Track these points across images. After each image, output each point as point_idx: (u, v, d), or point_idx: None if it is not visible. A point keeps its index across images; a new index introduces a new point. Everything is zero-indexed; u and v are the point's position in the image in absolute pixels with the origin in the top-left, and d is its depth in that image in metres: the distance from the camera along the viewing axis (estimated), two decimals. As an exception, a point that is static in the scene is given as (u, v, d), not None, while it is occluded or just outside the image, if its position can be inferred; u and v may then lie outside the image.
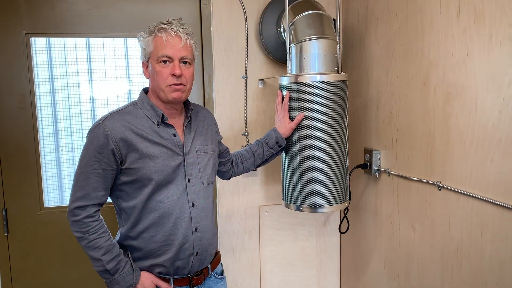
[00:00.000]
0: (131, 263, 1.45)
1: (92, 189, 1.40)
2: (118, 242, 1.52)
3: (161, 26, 1.43)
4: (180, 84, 1.43)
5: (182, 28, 1.44)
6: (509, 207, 1.29)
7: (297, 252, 2.41)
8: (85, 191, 1.39)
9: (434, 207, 1.64)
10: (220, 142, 1.76)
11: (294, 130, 1.79)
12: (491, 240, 1.37)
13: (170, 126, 1.49)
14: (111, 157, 1.40)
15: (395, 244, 1.91)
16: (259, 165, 1.87)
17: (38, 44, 2.05)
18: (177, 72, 1.40)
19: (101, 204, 1.44)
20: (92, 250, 1.40)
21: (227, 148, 1.82)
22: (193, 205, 1.49)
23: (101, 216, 1.45)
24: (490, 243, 1.38)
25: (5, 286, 2.08)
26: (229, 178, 1.87)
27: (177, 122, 1.53)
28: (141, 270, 1.49)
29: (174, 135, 1.49)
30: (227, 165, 1.80)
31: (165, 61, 1.41)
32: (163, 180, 1.44)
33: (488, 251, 1.39)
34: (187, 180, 1.48)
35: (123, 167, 1.42)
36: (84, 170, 1.39)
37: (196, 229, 1.49)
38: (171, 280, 1.50)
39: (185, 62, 1.45)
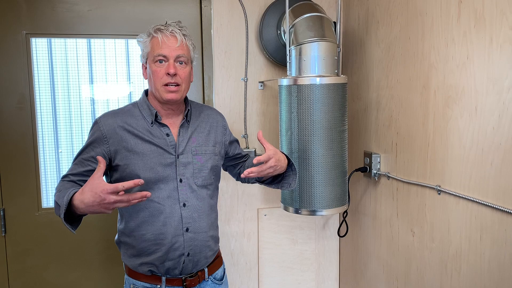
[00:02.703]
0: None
1: (70, 174, 1.46)
2: (117, 239, 1.57)
3: (158, 27, 1.46)
4: (176, 85, 1.44)
5: (179, 29, 1.46)
6: (508, 212, 1.28)
7: (296, 255, 2.40)
8: (67, 172, 1.47)
9: (434, 211, 1.63)
10: (235, 144, 1.71)
11: (292, 136, 1.78)
12: (491, 245, 1.36)
13: (164, 125, 1.50)
14: (99, 152, 1.45)
15: (394, 248, 1.90)
16: (264, 183, 1.65)
17: (39, 45, 2.05)
18: (171, 70, 1.42)
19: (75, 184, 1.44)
20: (55, 208, 1.37)
21: (241, 153, 1.73)
22: (184, 205, 1.48)
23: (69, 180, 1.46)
24: (490, 247, 1.37)
25: (2, 286, 2.07)
26: (242, 182, 1.76)
27: (174, 122, 1.53)
28: (134, 267, 1.51)
29: (168, 134, 1.49)
30: (237, 167, 1.74)
31: (160, 61, 1.43)
32: (152, 178, 1.44)
33: (487, 256, 1.38)
34: (178, 180, 1.48)
35: (113, 164, 1.46)
36: (76, 158, 1.49)
37: (187, 230, 1.48)
38: (163, 278, 1.50)
39: (181, 62, 1.45)
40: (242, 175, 1.42)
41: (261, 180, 1.63)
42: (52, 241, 2.12)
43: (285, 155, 1.55)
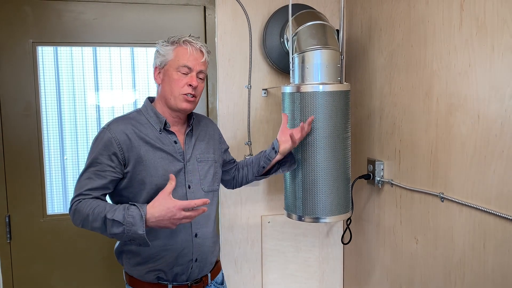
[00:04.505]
0: (130, 203, 1.35)
1: (88, 189, 1.40)
2: (118, 247, 1.56)
3: (187, 39, 1.49)
4: (194, 96, 1.48)
5: (204, 46, 1.51)
6: (511, 219, 1.28)
7: (300, 262, 2.40)
8: (83, 189, 1.40)
9: (437, 219, 1.63)
10: (228, 151, 1.78)
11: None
12: (494, 252, 1.36)
13: (171, 133, 1.51)
14: (115, 160, 1.42)
15: (397, 255, 1.90)
16: (261, 176, 1.77)
17: (45, 53, 2.08)
18: (194, 83, 1.46)
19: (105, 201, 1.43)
20: (96, 221, 1.32)
21: (233, 159, 1.83)
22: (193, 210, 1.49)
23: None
24: (493, 255, 1.36)
25: (7, 293, 2.09)
26: (234, 187, 1.83)
27: (180, 130, 1.55)
28: (139, 276, 1.50)
29: (175, 142, 1.51)
30: (230, 173, 1.79)
31: (184, 71, 1.46)
32: (163, 185, 1.44)
33: (491, 264, 1.37)
34: (187, 186, 1.50)
35: (125, 170, 1.44)
36: (86, 171, 1.43)
37: (196, 235, 1.50)
38: (170, 286, 1.50)
39: (200, 77, 1.50)
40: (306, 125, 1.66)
41: (260, 173, 1.74)
42: (56, 248, 2.13)
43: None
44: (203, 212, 1.34)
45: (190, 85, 1.45)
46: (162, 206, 1.29)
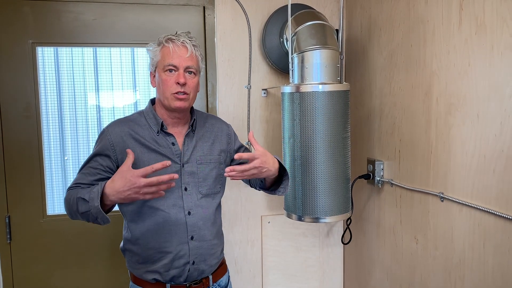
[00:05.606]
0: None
1: (78, 183, 1.45)
2: (122, 246, 1.58)
3: (169, 37, 1.48)
4: (184, 94, 1.46)
5: (189, 40, 1.48)
6: (511, 219, 1.27)
7: (300, 263, 2.39)
8: (74, 182, 1.46)
9: (437, 218, 1.62)
10: (242, 150, 1.67)
11: (295, 143, 1.79)
12: (494, 252, 1.36)
13: (170, 135, 1.51)
14: (107, 161, 1.46)
15: (398, 255, 1.90)
16: (264, 190, 1.65)
17: (45, 53, 2.08)
18: (181, 80, 1.44)
19: None
20: (73, 205, 1.36)
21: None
22: (189, 213, 1.48)
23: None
24: (493, 255, 1.36)
25: (7, 293, 2.09)
26: (251, 186, 1.73)
27: (180, 131, 1.54)
28: (138, 275, 1.51)
29: (173, 143, 1.50)
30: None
31: (170, 70, 1.45)
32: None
33: (491, 264, 1.37)
34: (183, 188, 1.49)
35: None
36: (84, 167, 1.48)
37: (192, 238, 1.49)
38: (168, 285, 1.51)
39: (190, 72, 1.47)
40: (225, 174, 1.39)
41: (261, 187, 1.63)
42: (57, 248, 2.13)
43: (278, 159, 1.52)
44: (171, 179, 1.27)
45: (178, 83, 1.44)
46: (121, 178, 1.28)
